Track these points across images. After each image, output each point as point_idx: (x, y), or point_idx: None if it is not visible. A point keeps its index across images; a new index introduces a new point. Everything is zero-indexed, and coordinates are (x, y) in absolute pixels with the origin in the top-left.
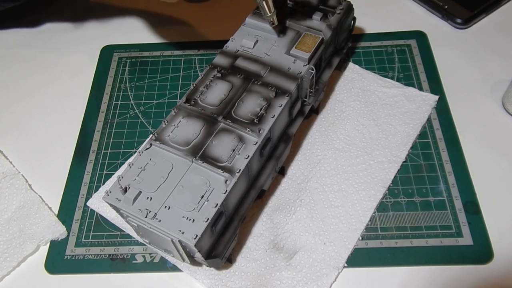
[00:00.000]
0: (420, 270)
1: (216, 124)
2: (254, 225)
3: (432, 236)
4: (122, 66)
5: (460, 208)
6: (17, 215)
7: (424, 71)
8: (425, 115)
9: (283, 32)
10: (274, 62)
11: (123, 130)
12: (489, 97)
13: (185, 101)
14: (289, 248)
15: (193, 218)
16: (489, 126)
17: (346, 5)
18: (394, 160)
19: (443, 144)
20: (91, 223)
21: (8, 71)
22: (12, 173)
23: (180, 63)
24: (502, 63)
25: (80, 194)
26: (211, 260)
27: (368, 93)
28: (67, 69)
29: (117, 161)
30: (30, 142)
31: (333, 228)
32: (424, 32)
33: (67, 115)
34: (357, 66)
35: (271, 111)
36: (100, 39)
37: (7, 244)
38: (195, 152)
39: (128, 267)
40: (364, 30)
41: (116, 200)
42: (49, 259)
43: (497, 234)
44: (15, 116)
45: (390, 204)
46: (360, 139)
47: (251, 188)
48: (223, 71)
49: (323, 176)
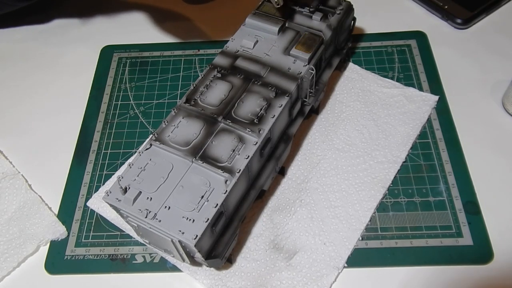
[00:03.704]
0: (420, 270)
1: (216, 124)
2: (254, 225)
3: (432, 236)
4: (122, 66)
5: (460, 208)
6: (17, 215)
7: (424, 71)
8: (425, 115)
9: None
10: (274, 62)
11: (123, 130)
12: (489, 97)
13: (185, 101)
14: (289, 248)
15: (193, 218)
16: (489, 126)
17: (346, 5)
18: (394, 160)
19: (443, 144)
20: (91, 223)
21: (8, 71)
22: (12, 173)
23: (180, 63)
24: (502, 63)
25: (80, 194)
26: (211, 260)
27: (368, 93)
28: (67, 69)
29: (117, 161)
30: (30, 142)
31: (333, 228)
32: (424, 32)
33: (67, 115)
34: (357, 66)
35: (271, 111)
36: (100, 39)
37: (7, 245)
38: (195, 152)
39: (128, 267)
40: (364, 30)
41: (116, 200)
42: (49, 259)
43: (497, 234)
44: (15, 116)
45: (390, 204)
46: (360, 139)
47: (251, 188)
48: (223, 71)
49: (323, 176)
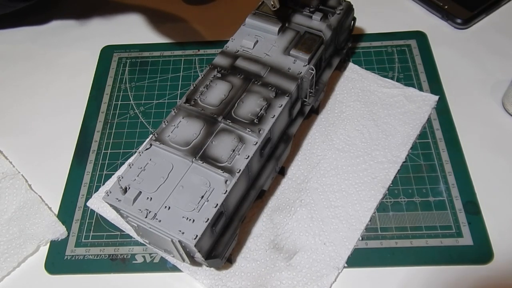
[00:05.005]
0: (420, 270)
1: (216, 124)
2: (254, 225)
3: (432, 236)
4: (122, 66)
5: (460, 208)
6: (17, 215)
7: (424, 71)
8: (425, 115)
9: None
10: (274, 62)
11: (123, 130)
12: (489, 97)
13: (185, 101)
14: (289, 248)
15: (193, 218)
16: (489, 126)
17: (346, 5)
18: (394, 160)
19: (443, 144)
20: (91, 223)
21: (8, 71)
22: (12, 173)
23: (180, 63)
24: (502, 63)
25: (80, 194)
26: (211, 260)
27: (368, 93)
28: (67, 69)
29: (117, 161)
30: (30, 142)
31: (333, 228)
32: (424, 32)
33: (67, 115)
34: (357, 66)
35: (271, 111)
36: (100, 39)
37: (7, 245)
38: (195, 152)
39: (128, 267)
40: (364, 30)
41: (116, 200)
42: (49, 259)
43: (497, 234)
44: (15, 116)
45: (390, 204)
46: (360, 139)
47: (251, 188)
48: (223, 71)
49: (323, 176)
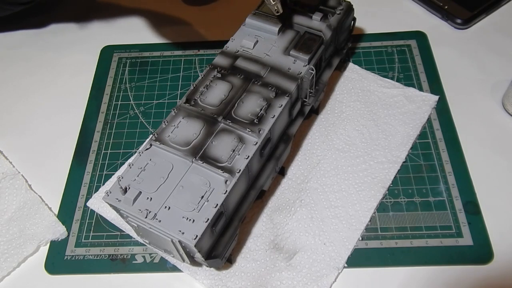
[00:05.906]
0: (420, 270)
1: (216, 124)
2: (254, 225)
3: (432, 236)
4: (122, 66)
5: (460, 208)
6: (17, 216)
7: (424, 71)
8: (425, 115)
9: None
10: (274, 63)
11: (123, 131)
12: (489, 97)
13: (185, 101)
14: (289, 248)
15: (193, 219)
16: (489, 126)
17: (346, 5)
18: (394, 161)
19: (443, 145)
20: (91, 224)
21: (8, 71)
22: (12, 173)
23: (180, 63)
24: (502, 63)
25: (80, 195)
26: (211, 261)
27: (368, 93)
28: (67, 69)
29: (117, 161)
30: (30, 142)
31: (333, 228)
32: (424, 32)
33: (67, 115)
34: (357, 66)
35: (271, 111)
36: (100, 39)
37: (7, 245)
38: (195, 153)
39: (128, 267)
40: (364, 30)
41: (116, 200)
42: (49, 260)
43: (497, 234)
44: (15, 116)
45: (390, 205)
46: (360, 139)
47: (251, 188)
48: (223, 72)
49: (323, 177)
